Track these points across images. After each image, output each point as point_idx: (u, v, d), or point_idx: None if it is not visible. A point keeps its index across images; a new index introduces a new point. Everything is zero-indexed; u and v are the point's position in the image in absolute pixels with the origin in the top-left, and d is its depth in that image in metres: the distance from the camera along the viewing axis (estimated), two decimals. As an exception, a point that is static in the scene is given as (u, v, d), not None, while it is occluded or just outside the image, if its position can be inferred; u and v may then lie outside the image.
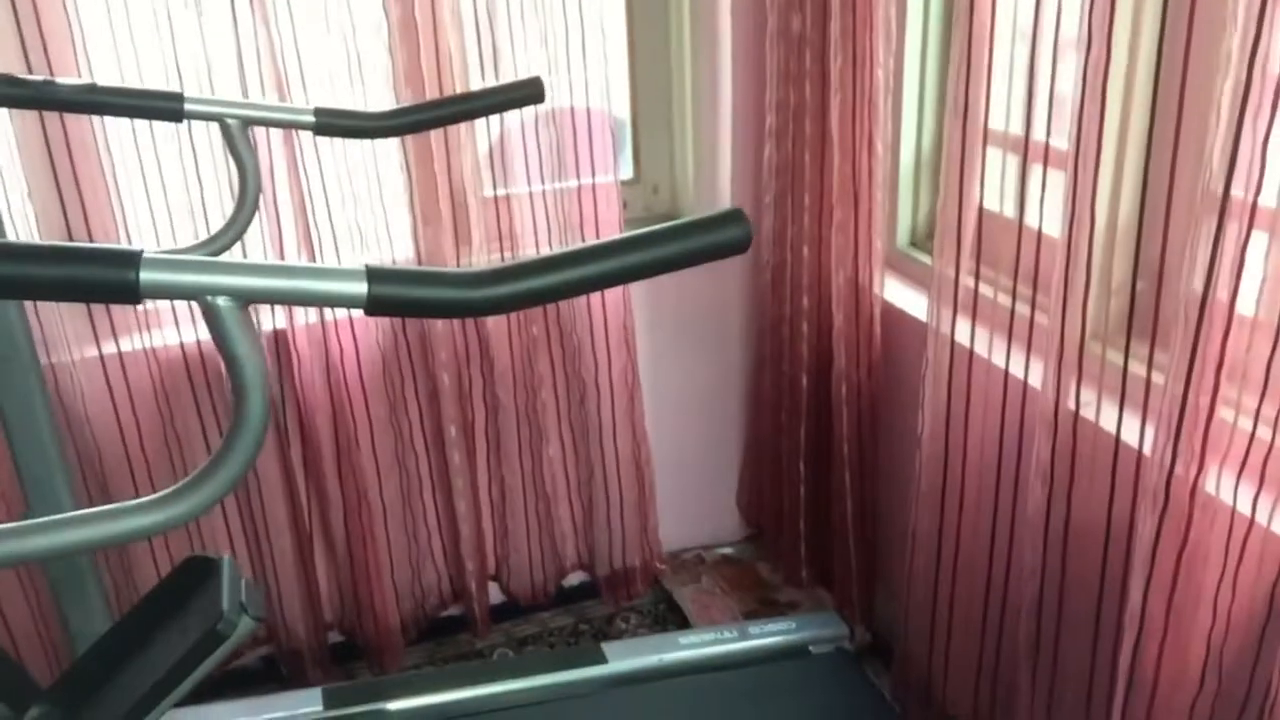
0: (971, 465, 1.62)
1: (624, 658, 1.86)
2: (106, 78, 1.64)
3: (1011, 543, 1.58)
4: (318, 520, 2.01)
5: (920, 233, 1.95)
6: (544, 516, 2.20)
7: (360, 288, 0.80)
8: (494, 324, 2.00)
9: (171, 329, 1.84)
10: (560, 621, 2.27)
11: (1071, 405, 1.38)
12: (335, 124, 1.44)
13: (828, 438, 2.03)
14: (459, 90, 1.83)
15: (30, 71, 1.59)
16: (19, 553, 0.81)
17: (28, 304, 1.51)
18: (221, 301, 0.78)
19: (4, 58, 1.60)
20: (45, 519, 0.80)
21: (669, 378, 2.24)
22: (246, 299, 0.79)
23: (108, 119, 1.68)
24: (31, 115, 1.62)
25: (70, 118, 1.61)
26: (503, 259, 1.89)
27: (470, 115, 1.60)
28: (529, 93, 1.49)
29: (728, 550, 2.46)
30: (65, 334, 1.72)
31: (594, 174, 1.95)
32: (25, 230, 1.67)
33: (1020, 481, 1.53)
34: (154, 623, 1.21)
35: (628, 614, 2.28)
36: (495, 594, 2.25)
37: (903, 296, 1.89)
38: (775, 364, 2.14)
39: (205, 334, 1.83)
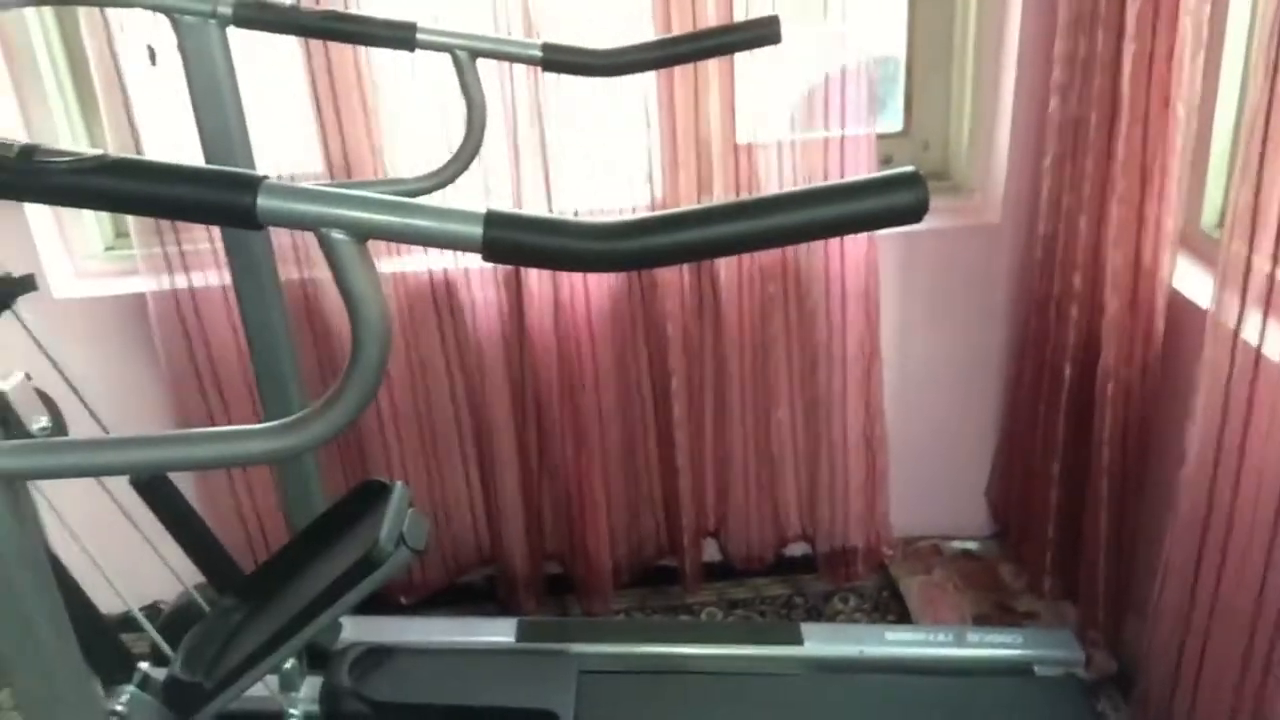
0: (1245, 488, 1.37)
1: (821, 642, 1.76)
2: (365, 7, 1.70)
3: (1286, 590, 1.33)
4: (544, 456, 2.04)
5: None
6: (767, 481, 2.11)
7: (477, 231, 0.76)
8: (725, 277, 1.92)
9: (421, 255, 1.90)
10: (775, 590, 2.18)
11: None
12: (562, 60, 1.41)
13: (1086, 438, 1.80)
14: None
15: None
16: (146, 461, 0.84)
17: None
18: (337, 235, 0.76)
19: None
20: (174, 433, 0.83)
21: (918, 351, 2.07)
22: (363, 234, 0.77)
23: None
24: (313, 44, 1.70)
25: (333, 49, 1.68)
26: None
27: (702, 55, 1.52)
28: (765, 32, 1.39)
29: (969, 545, 2.27)
30: (317, 252, 1.82)
31: (847, 125, 1.80)
32: (279, 160, 1.77)
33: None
34: (327, 538, 1.26)
35: (847, 594, 2.16)
36: (712, 552, 2.20)
37: (1201, 287, 1.62)
38: (1038, 348, 1.92)
39: (451, 263, 1.90)
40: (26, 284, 1.23)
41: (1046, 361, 1.89)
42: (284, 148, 1.77)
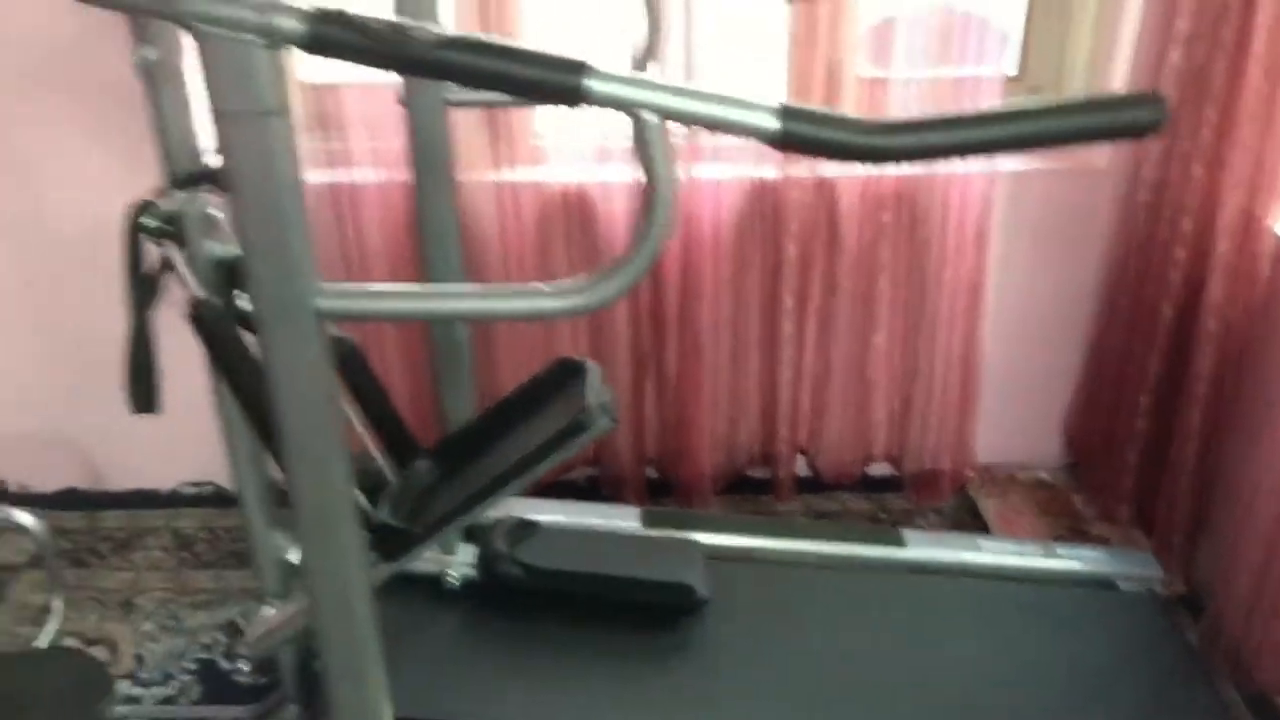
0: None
1: (923, 547, 1.90)
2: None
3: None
4: (654, 360, 2.16)
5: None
6: (861, 402, 2.24)
7: (773, 122, 0.86)
8: (846, 204, 2.03)
9: (557, 168, 2.01)
10: (860, 506, 2.32)
11: None
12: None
13: (1180, 374, 1.92)
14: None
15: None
16: (457, 309, 0.96)
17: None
18: (648, 116, 0.87)
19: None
20: (478, 286, 0.95)
21: (1015, 284, 2.18)
22: (670, 116, 0.88)
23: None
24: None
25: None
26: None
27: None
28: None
29: (1043, 474, 2.39)
30: (476, 158, 1.93)
31: (978, 64, 1.89)
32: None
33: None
34: (524, 410, 1.39)
35: (928, 513, 2.30)
36: (802, 467, 2.33)
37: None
38: (1136, 287, 2.03)
39: (581, 177, 2.00)
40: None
41: (1144, 299, 1.99)
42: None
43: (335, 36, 0.83)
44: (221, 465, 2.28)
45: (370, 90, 1.80)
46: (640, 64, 1.53)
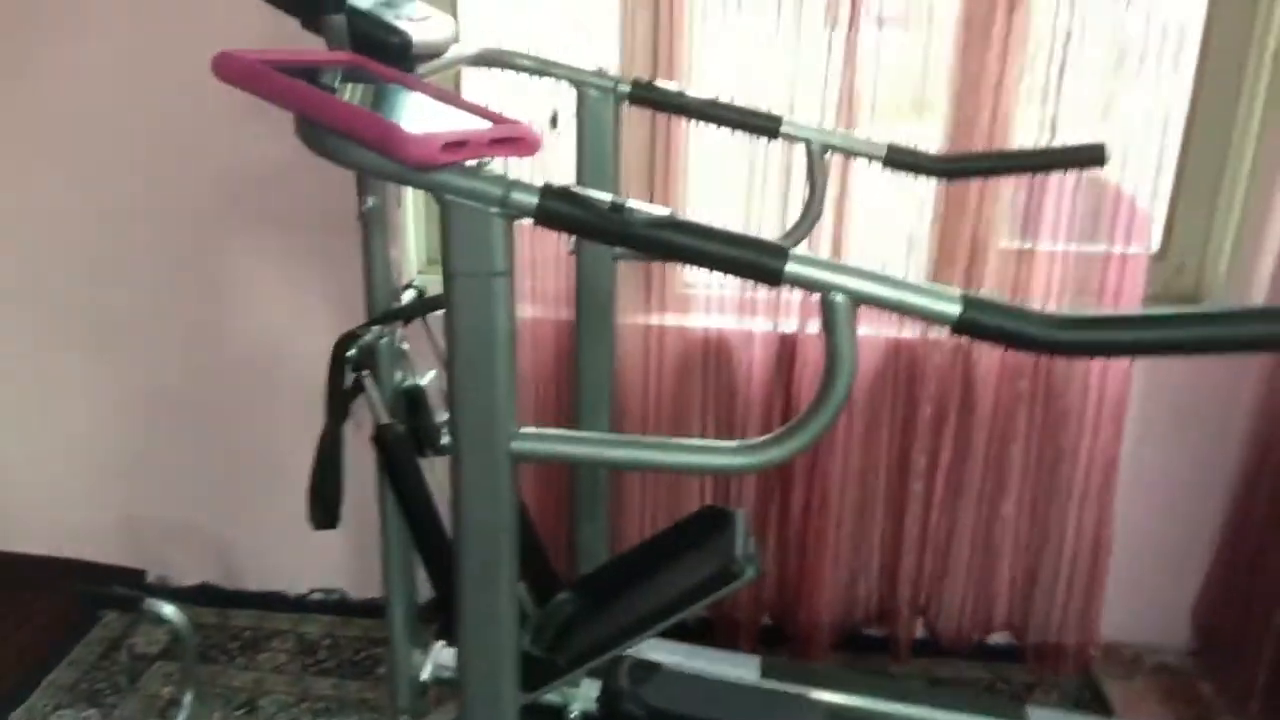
0: None
1: (1047, 724, 1.85)
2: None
3: None
4: (780, 508, 2.19)
5: None
6: (984, 569, 2.21)
7: (954, 309, 0.92)
8: (984, 369, 2.06)
9: (700, 314, 2.09)
10: (977, 674, 2.27)
11: None
12: (904, 160, 1.59)
13: (1326, 569, 1.87)
14: (1002, 144, 1.90)
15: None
16: (638, 459, 1.02)
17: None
18: (838, 298, 0.94)
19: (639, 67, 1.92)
20: (653, 438, 1.01)
21: (1151, 462, 2.16)
22: (858, 299, 0.94)
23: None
24: (642, 113, 1.93)
25: (665, 121, 1.90)
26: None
27: (1029, 169, 1.69)
28: (1091, 156, 1.55)
29: (1169, 658, 2.32)
30: (630, 300, 2.03)
31: (1124, 243, 1.94)
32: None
33: None
34: (668, 554, 1.43)
35: (1049, 688, 2.24)
36: (919, 629, 2.31)
37: None
38: (1276, 474, 1.99)
39: (721, 324, 2.08)
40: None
41: (1287, 490, 1.96)
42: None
43: (563, 212, 0.93)
44: (349, 575, 2.41)
45: (539, 233, 1.92)
46: (801, 234, 1.61)
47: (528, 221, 0.94)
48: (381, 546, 1.50)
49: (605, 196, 0.94)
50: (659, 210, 0.94)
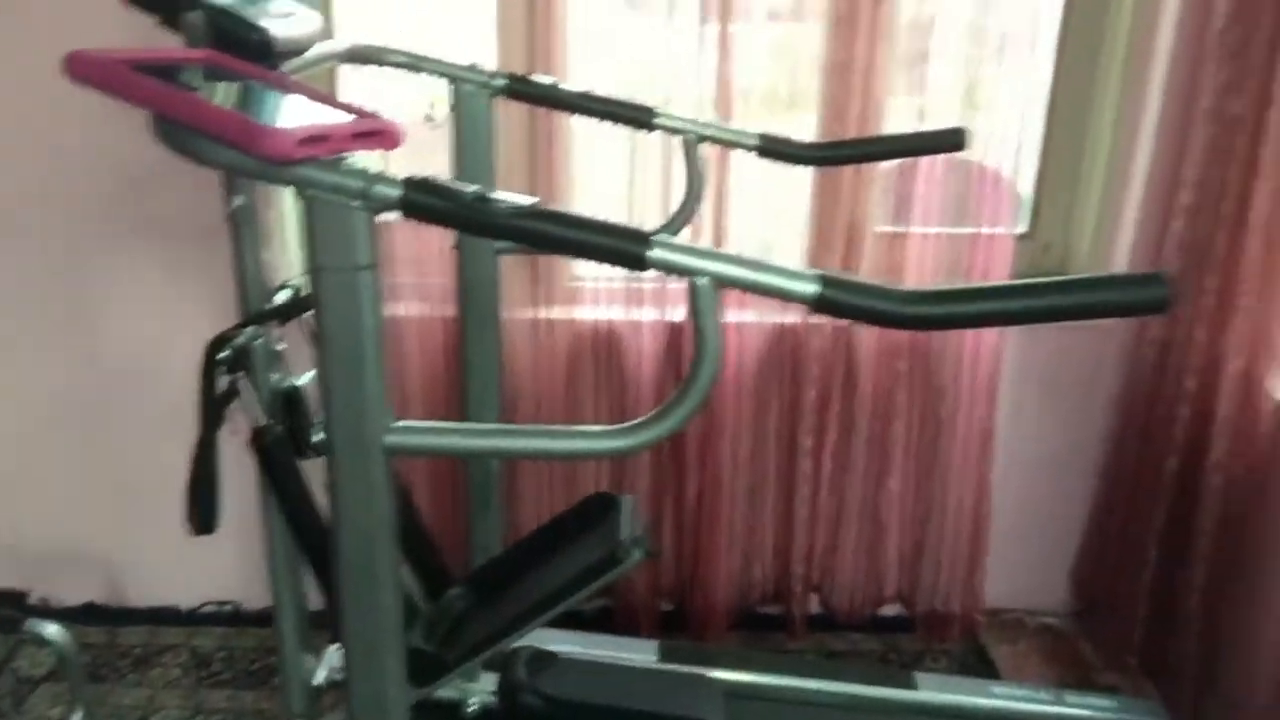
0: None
1: (934, 690, 1.92)
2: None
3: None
4: (674, 494, 2.22)
5: (1334, 335, 1.85)
6: (873, 543, 2.28)
7: (812, 288, 0.95)
8: (864, 350, 2.12)
9: (588, 307, 2.11)
10: (870, 645, 2.34)
11: None
12: (775, 149, 1.62)
13: (1185, 529, 1.97)
14: (875, 132, 1.96)
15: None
16: (514, 448, 1.03)
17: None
18: (701, 281, 0.96)
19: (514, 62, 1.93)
20: (529, 427, 1.03)
21: (1025, 433, 2.25)
22: (722, 282, 0.97)
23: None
24: (520, 107, 1.93)
25: (551, 118, 1.91)
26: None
27: (894, 155, 1.74)
28: (951, 141, 1.61)
29: (1051, 620, 2.42)
30: (514, 297, 2.04)
31: (991, 224, 2.01)
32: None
33: None
34: (556, 542, 1.45)
35: (938, 655, 2.32)
36: (814, 605, 2.36)
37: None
38: (1141, 441, 2.10)
39: (610, 315, 2.10)
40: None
41: (1150, 454, 2.07)
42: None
43: (426, 203, 0.93)
44: (241, 585, 2.36)
45: (419, 230, 1.91)
46: (679, 223, 1.64)
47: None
48: (267, 552, 1.48)
49: (469, 187, 0.95)
50: (523, 200, 0.96)
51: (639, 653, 1.93)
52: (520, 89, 1.58)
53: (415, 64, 1.57)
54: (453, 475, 2.08)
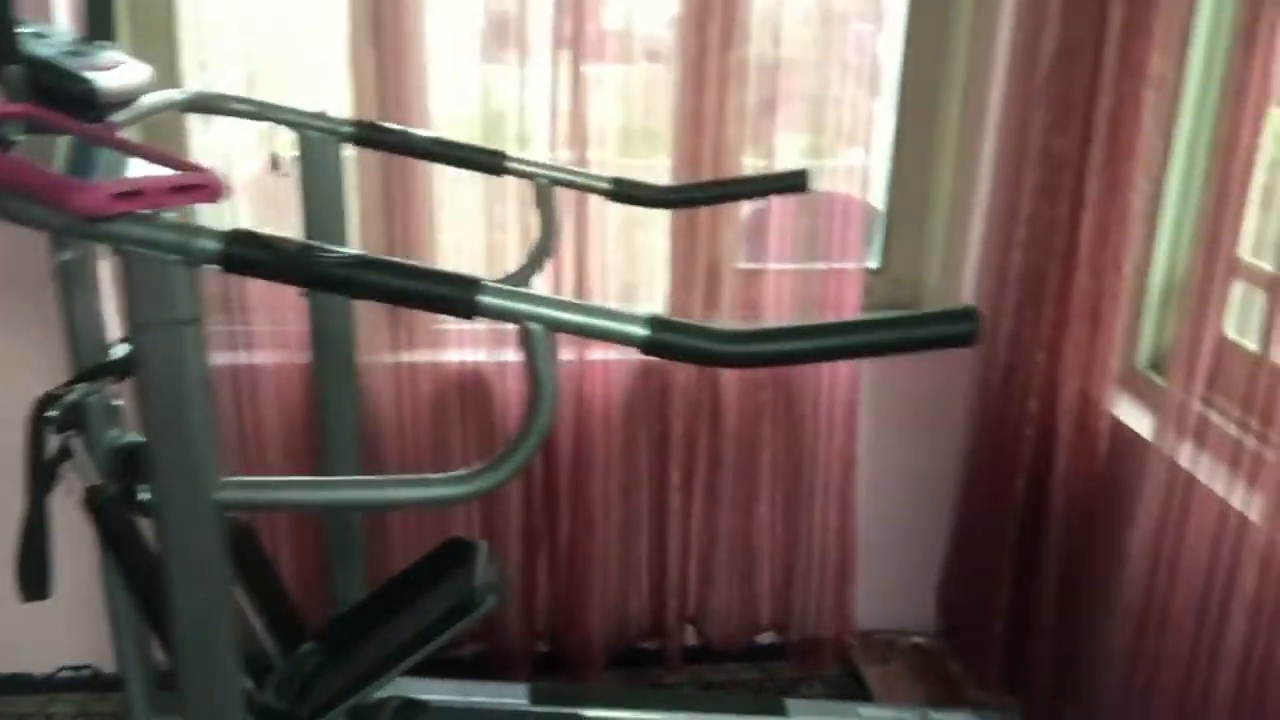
0: (1178, 591, 1.63)
1: (804, 716, 1.95)
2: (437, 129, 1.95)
3: (1211, 678, 1.57)
4: (546, 534, 2.22)
5: (1163, 356, 1.97)
6: (746, 572, 2.32)
7: (643, 331, 0.98)
8: (727, 384, 2.16)
9: (453, 350, 2.10)
10: (748, 675, 2.37)
11: (1288, 544, 1.39)
12: (628, 193, 1.66)
13: (1035, 544, 2.06)
14: (731, 171, 2.02)
15: (383, 117, 1.90)
16: (352, 500, 1.03)
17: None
18: (534, 326, 0.98)
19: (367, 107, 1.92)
20: (373, 477, 1.02)
21: (886, 459, 2.33)
22: (554, 327, 0.99)
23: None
24: (375, 153, 1.93)
25: (408, 162, 1.91)
26: (747, 326, 2.08)
27: (741, 197, 1.79)
28: (795, 182, 1.66)
29: (920, 640, 2.49)
30: (371, 341, 2.02)
31: (841, 259, 2.09)
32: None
33: (1225, 615, 1.53)
34: (413, 590, 1.44)
35: (814, 681, 2.36)
36: (691, 636, 2.39)
37: (1136, 416, 1.92)
38: (992, 462, 2.19)
39: (476, 357, 2.10)
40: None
41: (1000, 474, 2.15)
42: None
43: (248, 256, 0.93)
44: (97, 648, 2.26)
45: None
46: (534, 266, 1.65)
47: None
48: (109, 614, 1.43)
49: (294, 239, 0.95)
50: (349, 250, 0.96)
51: (510, 697, 1.92)
52: (368, 136, 1.58)
53: (260, 112, 1.56)
54: (316, 523, 2.04)
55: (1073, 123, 1.89)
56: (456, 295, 0.96)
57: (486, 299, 0.96)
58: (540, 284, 2.00)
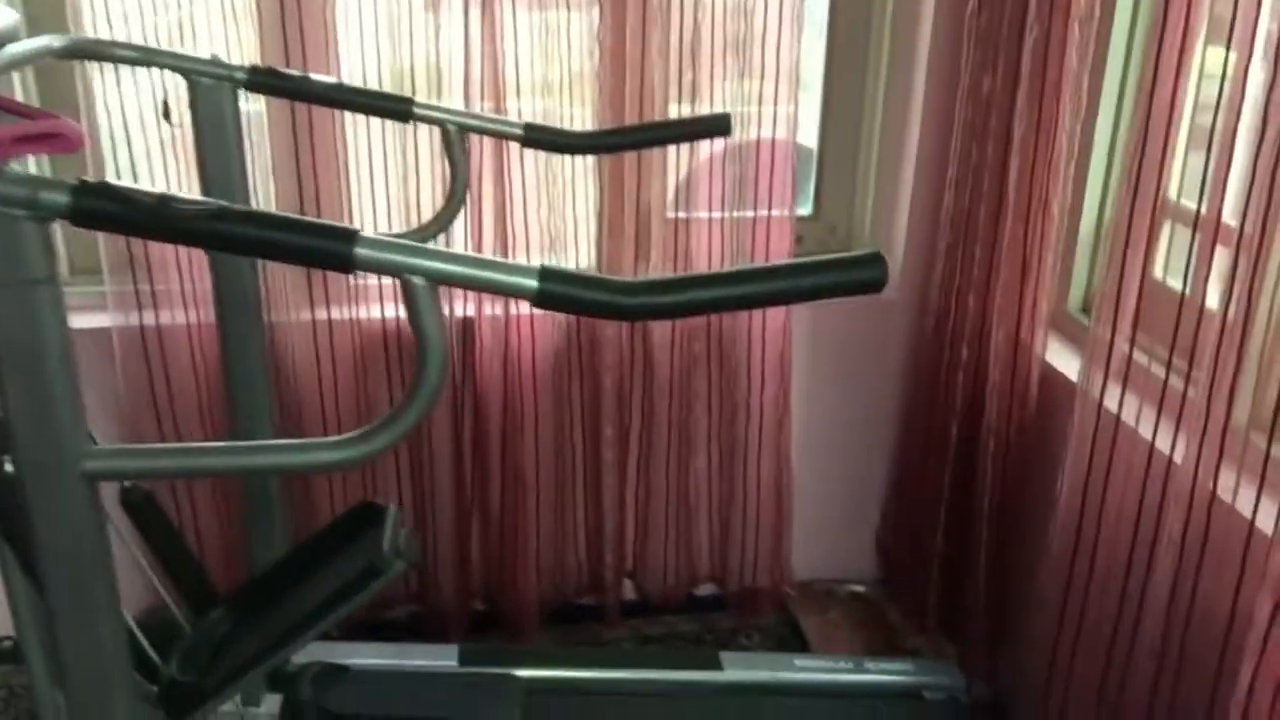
0: (1105, 534, 1.63)
1: (739, 669, 1.95)
2: (349, 77, 1.87)
3: (1138, 618, 1.58)
4: (478, 494, 2.18)
5: (1093, 298, 1.95)
6: (683, 525, 2.30)
7: (532, 282, 0.93)
8: (659, 337, 2.12)
9: (376, 306, 2.04)
10: (686, 627, 2.36)
11: (1209, 484, 1.38)
12: (542, 139, 1.59)
13: (969, 490, 2.05)
14: (657, 116, 1.96)
15: (289, 65, 1.82)
16: (230, 466, 0.97)
17: (260, 267, 1.73)
18: (417, 280, 0.92)
19: (272, 54, 1.83)
20: (253, 442, 0.97)
21: (821, 408, 2.31)
22: (437, 280, 0.93)
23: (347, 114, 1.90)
24: (284, 105, 1.85)
25: (317, 111, 1.83)
26: (675, 277, 2.03)
27: (662, 142, 1.73)
28: (717, 126, 1.61)
29: (859, 588, 2.49)
30: (287, 298, 1.95)
31: (770, 207, 2.04)
32: (265, 204, 1.91)
33: (1151, 556, 1.53)
34: (322, 555, 1.39)
35: (751, 631, 2.35)
36: (629, 591, 2.37)
37: (1066, 360, 1.90)
38: (926, 409, 2.17)
39: (402, 313, 2.04)
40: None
41: (935, 421, 2.14)
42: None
43: (100, 209, 0.86)
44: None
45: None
46: (446, 218, 1.59)
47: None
48: (5, 588, 1.36)
49: (151, 191, 0.88)
50: (210, 201, 0.89)
51: (440, 659, 1.89)
52: (265, 81, 1.49)
53: (146, 58, 1.47)
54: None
55: (1001, 61, 1.85)
56: (330, 248, 0.90)
57: (365, 251, 0.90)
58: (457, 236, 1.96)
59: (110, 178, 1.83)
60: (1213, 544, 1.39)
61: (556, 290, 0.93)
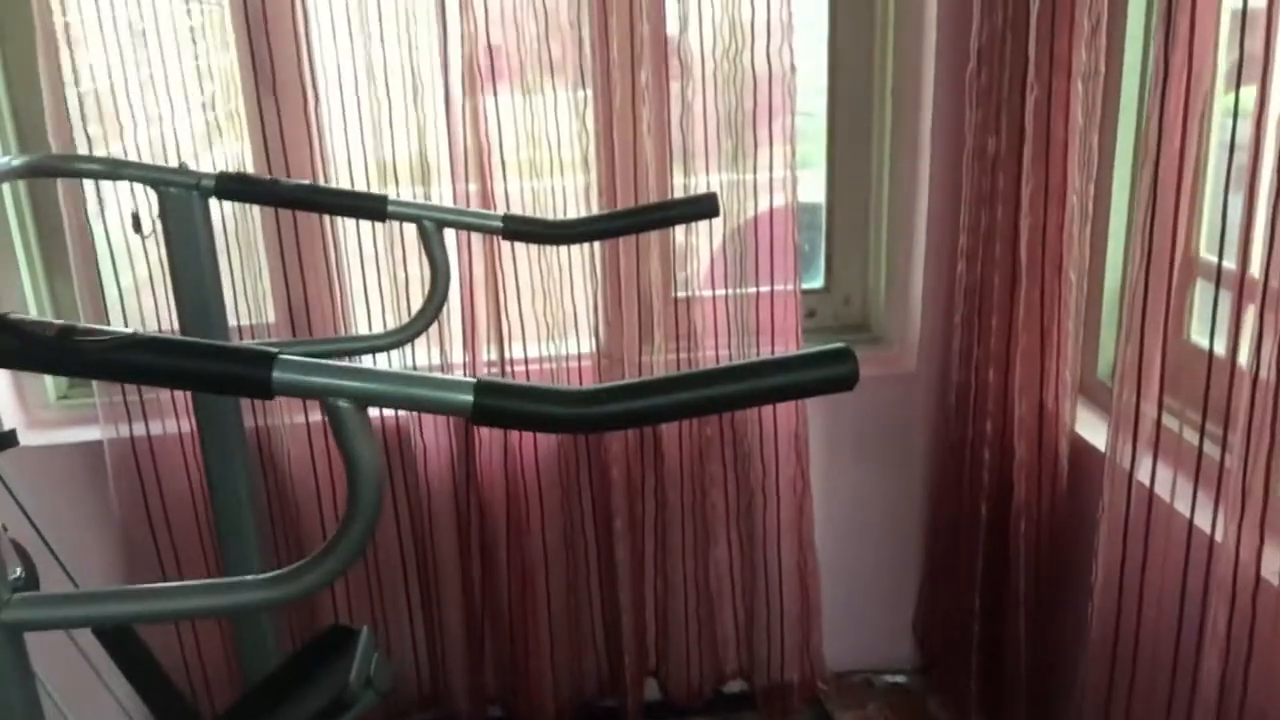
0: (1147, 622, 1.50)
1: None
2: (336, 177, 1.84)
3: (1189, 713, 1.44)
4: (488, 594, 2.09)
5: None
6: (705, 619, 2.19)
7: (468, 398, 0.85)
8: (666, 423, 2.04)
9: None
10: (714, 727, 2.24)
11: (1253, 567, 1.26)
12: (522, 230, 1.54)
13: (1004, 573, 1.92)
14: (655, 197, 1.90)
15: (270, 170, 1.79)
16: (153, 611, 0.90)
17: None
18: (342, 403, 0.86)
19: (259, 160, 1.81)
20: (174, 584, 0.90)
21: (846, 490, 2.20)
22: (365, 402, 0.86)
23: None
24: (272, 210, 1.82)
25: (302, 214, 1.80)
26: (679, 359, 1.96)
27: (647, 227, 1.67)
28: (704, 208, 1.54)
29: (899, 679, 2.35)
30: (280, 400, 1.90)
31: (773, 283, 1.96)
32: (255, 307, 1.87)
33: (1199, 647, 1.39)
34: (292, 683, 1.31)
35: (784, 730, 2.22)
36: (653, 690, 2.25)
37: (1098, 431, 1.78)
38: (955, 487, 2.06)
39: (401, 412, 1.98)
40: (8, 439, 1.28)
41: (964, 500, 2.02)
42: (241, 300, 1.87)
43: (-3, 346, 0.81)
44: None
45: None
46: (429, 317, 1.53)
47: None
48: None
49: (53, 321, 0.83)
50: (120, 330, 0.84)
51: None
52: (234, 188, 1.46)
53: (112, 171, 1.45)
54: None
55: (1004, 122, 1.77)
56: (248, 374, 0.84)
57: (284, 375, 0.84)
58: (454, 330, 1.90)
59: (109, 287, 1.83)
60: (1259, 633, 1.26)
61: (494, 405, 0.86)
